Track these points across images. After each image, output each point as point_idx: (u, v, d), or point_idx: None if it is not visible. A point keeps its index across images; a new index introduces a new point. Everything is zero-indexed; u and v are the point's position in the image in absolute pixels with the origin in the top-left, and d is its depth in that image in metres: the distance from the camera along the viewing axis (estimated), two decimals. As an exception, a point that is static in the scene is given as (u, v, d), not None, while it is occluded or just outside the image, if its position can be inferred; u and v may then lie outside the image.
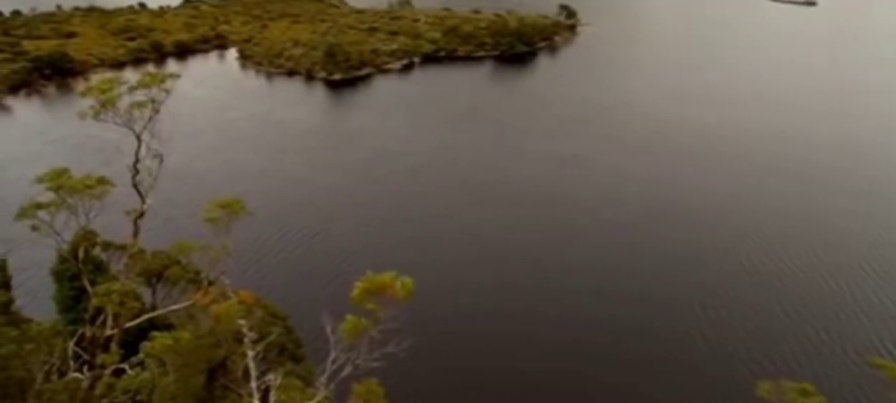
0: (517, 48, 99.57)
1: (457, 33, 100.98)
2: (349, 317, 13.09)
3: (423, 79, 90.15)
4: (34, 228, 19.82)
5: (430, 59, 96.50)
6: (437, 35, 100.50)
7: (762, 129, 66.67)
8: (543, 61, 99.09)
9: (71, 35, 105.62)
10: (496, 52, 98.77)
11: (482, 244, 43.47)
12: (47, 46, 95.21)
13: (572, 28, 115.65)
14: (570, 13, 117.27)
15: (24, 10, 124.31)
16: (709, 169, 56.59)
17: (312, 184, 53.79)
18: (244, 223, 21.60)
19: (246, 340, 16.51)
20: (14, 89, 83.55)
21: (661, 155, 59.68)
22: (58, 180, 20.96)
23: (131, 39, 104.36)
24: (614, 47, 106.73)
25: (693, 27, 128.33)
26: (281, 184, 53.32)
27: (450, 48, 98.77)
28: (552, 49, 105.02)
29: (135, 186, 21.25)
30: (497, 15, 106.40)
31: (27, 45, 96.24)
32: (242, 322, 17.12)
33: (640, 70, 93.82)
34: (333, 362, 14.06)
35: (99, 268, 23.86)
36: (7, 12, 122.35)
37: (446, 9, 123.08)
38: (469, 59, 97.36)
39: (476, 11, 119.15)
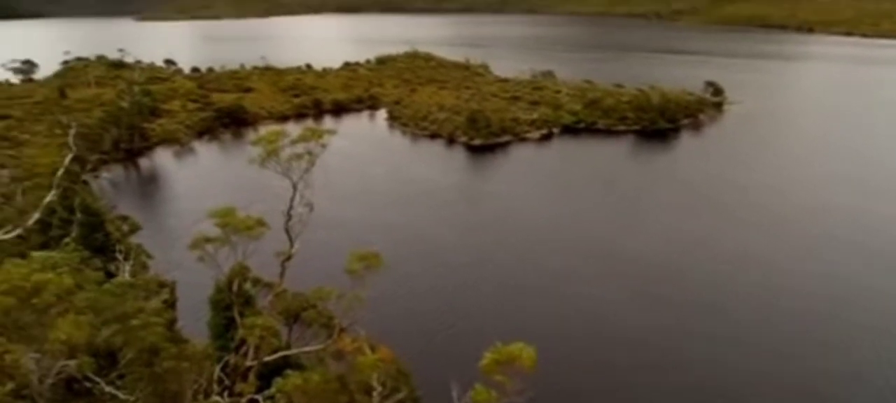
0: (659, 124, 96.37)
1: (598, 106, 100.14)
2: (479, 387, 12.97)
3: (560, 150, 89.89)
4: (200, 259, 22.20)
5: (570, 130, 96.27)
6: (578, 107, 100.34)
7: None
8: (686, 138, 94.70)
9: (248, 90, 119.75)
10: (637, 127, 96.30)
11: (597, 320, 41.43)
12: (228, 99, 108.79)
13: (719, 106, 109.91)
14: (717, 90, 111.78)
15: (217, 67, 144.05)
16: (853, 264, 49.47)
17: (439, 241, 55.03)
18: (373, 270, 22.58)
19: (375, 394, 16.88)
20: (200, 134, 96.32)
21: (796, 244, 53.72)
22: (224, 218, 23.39)
23: (296, 96, 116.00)
24: (762, 126, 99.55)
25: (854, 107, 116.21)
26: (411, 237, 55.16)
27: (590, 120, 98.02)
28: (696, 126, 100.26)
29: (286, 230, 23.06)
30: (640, 89, 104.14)
31: (215, 97, 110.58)
32: (375, 376, 17.58)
33: (789, 151, 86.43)
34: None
35: (248, 302, 25.92)
36: (204, 69, 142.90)
37: (588, 81, 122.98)
38: (609, 132, 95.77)
39: (618, 85, 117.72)
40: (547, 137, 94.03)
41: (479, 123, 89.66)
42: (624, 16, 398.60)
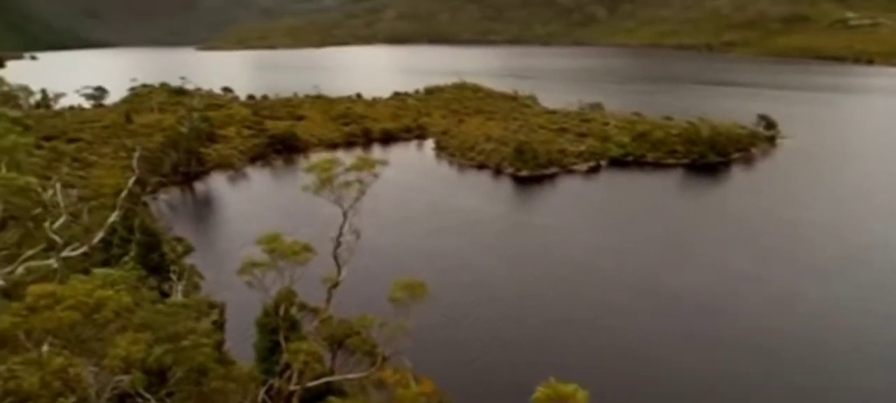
0: (709, 157, 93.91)
1: (646, 139, 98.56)
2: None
3: (608, 182, 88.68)
4: (249, 284, 22.78)
5: (618, 162, 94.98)
6: (626, 139, 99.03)
7: None
8: (736, 173, 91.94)
9: (300, 118, 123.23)
10: (687, 161, 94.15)
11: (642, 359, 40.09)
12: (281, 126, 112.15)
13: (771, 140, 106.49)
14: (770, 124, 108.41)
15: (271, 95, 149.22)
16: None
17: (484, 271, 54.74)
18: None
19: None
20: (253, 159, 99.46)
21: (850, 285, 50.93)
22: (272, 243, 23.99)
23: (346, 124, 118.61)
24: (817, 161, 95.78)
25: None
26: (456, 267, 55.06)
27: (638, 153, 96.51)
28: (747, 160, 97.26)
29: (334, 257, 23.45)
30: (689, 122, 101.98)
31: (268, 124, 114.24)
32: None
33: (844, 187, 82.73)
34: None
35: (293, 326, 26.33)
36: (259, 97, 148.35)
37: (636, 114, 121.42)
38: (658, 165, 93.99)
39: (667, 117, 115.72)
40: (594, 170, 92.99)
41: (526, 154, 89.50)
42: (673, 47, 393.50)
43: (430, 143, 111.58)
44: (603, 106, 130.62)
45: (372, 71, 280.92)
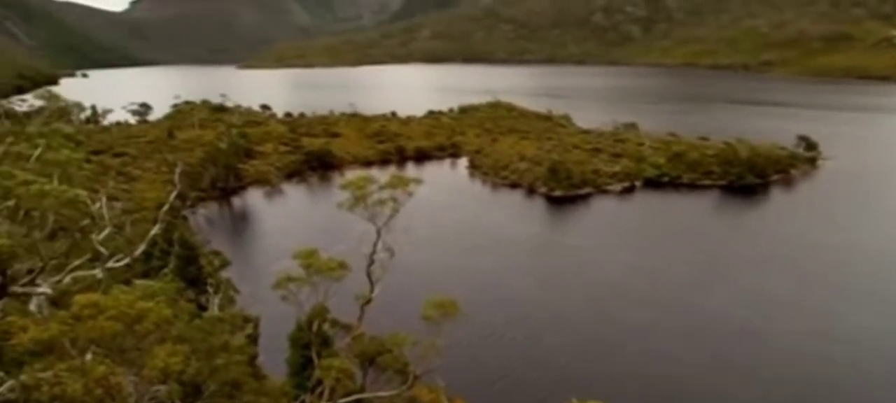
0: (747, 179, 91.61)
1: (682, 159, 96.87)
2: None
3: (642, 203, 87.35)
4: (284, 298, 23.10)
5: (652, 183, 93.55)
6: (662, 160, 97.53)
7: None
8: (775, 195, 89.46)
9: (336, 135, 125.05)
10: (724, 182, 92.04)
11: (674, 382, 39.10)
12: (317, 143, 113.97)
13: (812, 161, 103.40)
14: (810, 145, 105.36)
15: (308, 113, 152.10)
16: None
17: (516, 290, 54.32)
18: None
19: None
20: (289, 176, 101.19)
21: (890, 310, 48.84)
22: (308, 259, 24.31)
23: (381, 142, 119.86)
24: (859, 183, 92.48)
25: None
26: (488, 285, 54.81)
27: (674, 174, 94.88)
28: (787, 182, 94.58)
29: (368, 275, 23.62)
30: (726, 143, 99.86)
31: (305, 141, 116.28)
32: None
33: (886, 210, 79.76)
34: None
35: (325, 343, 26.54)
36: (296, 114, 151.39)
37: (672, 134, 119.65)
38: (693, 186, 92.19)
39: (703, 138, 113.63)
40: (629, 190, 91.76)
41: (559, 174, 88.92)
42: (709, 67, 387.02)
43: (463, 162, 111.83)
44: (637, 126, 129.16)
45: (407, 89, 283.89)
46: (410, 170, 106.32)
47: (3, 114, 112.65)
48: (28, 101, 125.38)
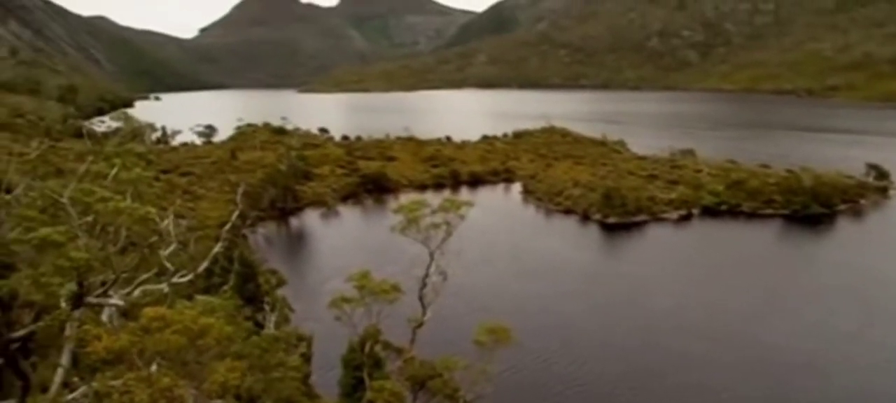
0: (812, 208, 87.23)
1: (742, 187, 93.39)
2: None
3: (700, 232, 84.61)
4: (338, 318, 23.52)
5: (711, 211, 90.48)
6: (720, 188, 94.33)
7: None
8: (842, 225, 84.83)
9: (391, 158, 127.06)
10: (786, 211, 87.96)
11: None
12: (372, 166, 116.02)
13: (883, 190, 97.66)
14: (882, 173, 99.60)
15: (364, 136, 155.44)
16: None
17: (568, 317, 53.30)
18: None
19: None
20: (344, 198, 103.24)
21: None
22: (362, 281, 24.71)
23: (435, 166, 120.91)
24: None
25: None
26: (539, 310, 54.03)
27: (733, 202, 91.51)
28: (855, 212, 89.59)
29: (420, 298, 23.79)
30: (789, 171, 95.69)
31: (361, 164, 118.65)
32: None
33: None
34: None
35: (377, 364, 26.77)
36: (352, 137, 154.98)
37: (731, 161, 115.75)
38: (754, 215, 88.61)
39: (764, 165, 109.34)
40: (686, 218, 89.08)
41: (614, 201, 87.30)
42: (771, 92, 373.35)
43: (517, 187, 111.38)
44: (695, 152, 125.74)
45: (461, 114, 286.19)
46: (464, 194, 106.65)
47: (87, 134, 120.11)
48: (106, 122, 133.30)
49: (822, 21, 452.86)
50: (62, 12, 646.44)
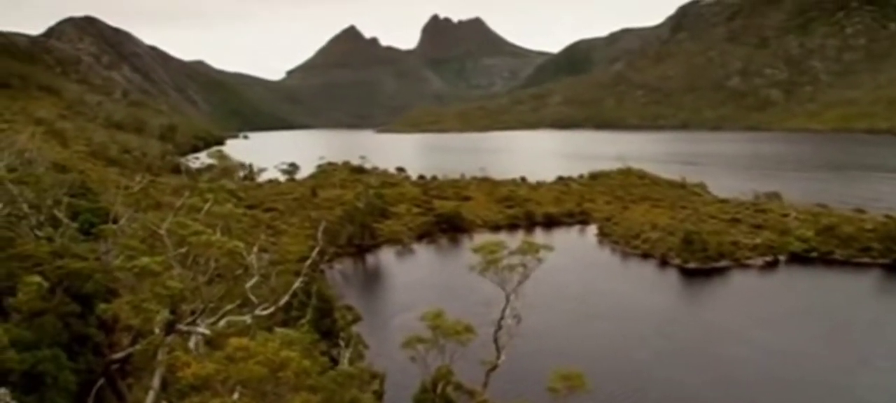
0: (916, 258, 79.76)
1: (834, 233, 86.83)
2: None
3: (786, 280, 79.31)
4: (412, 359, 23.61)
5: (799, 258, 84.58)
6: (809, 233, 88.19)
7: None
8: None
9: (466, 198, 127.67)
10: (885, 260, 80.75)
11: None
12: (448, 206, 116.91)
13: None
14: None
15: (440, 176, 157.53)
16: None
17: (643, 364, 50.90)
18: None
19: None
20: (420, 237, 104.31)
21: None
22: (436, 321, 24.76)
23: (510, 207, 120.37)
24: None
25: None
26: (612, 355, 52.13)
27: (824, 249, 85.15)
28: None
29: (495, 340, 23.52)
30: (888, 217, 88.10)
31: (436, 203, 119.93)
32: None
33: None
34: None
35: (449, 405, 26.51)
36: (428, 177, 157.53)
37: (821, 205, 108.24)
38: (848, 263, 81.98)
39: (859, 210, 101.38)
40: (771, 265, 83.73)
41: (694, 245, 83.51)
42: (865, 132, 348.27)
43: (592, 230, 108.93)
44: (780, 195, 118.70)
45: (536, 154, 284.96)
46: (538, 235, 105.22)
47: (184, 170, 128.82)
48: (200, 159, 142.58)
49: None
50: (166, 57, 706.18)
